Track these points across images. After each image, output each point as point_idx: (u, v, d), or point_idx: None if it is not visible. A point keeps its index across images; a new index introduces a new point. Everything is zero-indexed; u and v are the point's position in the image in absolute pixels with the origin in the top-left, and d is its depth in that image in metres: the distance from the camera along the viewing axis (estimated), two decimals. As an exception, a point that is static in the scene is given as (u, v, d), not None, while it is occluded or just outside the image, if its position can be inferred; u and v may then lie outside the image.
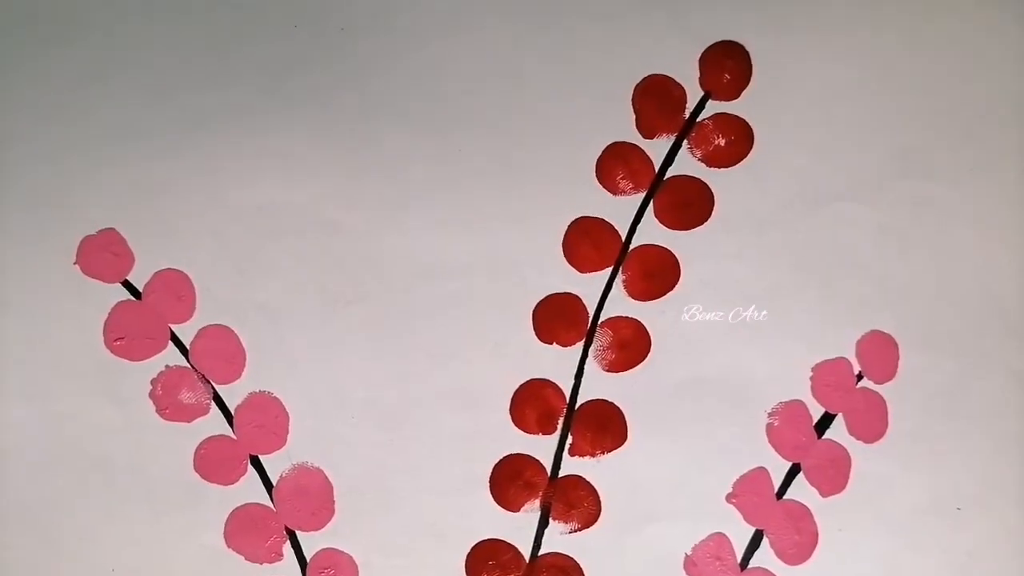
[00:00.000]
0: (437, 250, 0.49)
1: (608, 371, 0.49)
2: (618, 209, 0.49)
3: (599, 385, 0.48)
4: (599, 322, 0.49)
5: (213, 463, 0.48)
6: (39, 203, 0.48)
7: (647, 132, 0.49)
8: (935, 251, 0.49)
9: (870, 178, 0.49)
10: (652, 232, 0.49)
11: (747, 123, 0.49)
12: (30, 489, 0.47)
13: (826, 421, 0.49)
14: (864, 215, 0.49)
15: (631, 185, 0.49)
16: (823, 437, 0.48)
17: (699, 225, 0.49)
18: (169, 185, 0.48)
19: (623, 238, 0.49)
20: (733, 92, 0.49)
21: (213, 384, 0.48)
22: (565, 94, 0.49)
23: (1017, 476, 0.48)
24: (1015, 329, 0.49)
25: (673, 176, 0.49)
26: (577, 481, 0.48)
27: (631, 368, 0.49)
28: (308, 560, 0.47)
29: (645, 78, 0.49)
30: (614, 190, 0.49)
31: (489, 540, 0.47)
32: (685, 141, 0.49)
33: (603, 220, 0.49)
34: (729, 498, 0.48)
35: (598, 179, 0.49)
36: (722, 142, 0.49)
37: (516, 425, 0.48)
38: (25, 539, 0.47)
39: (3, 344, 0.48)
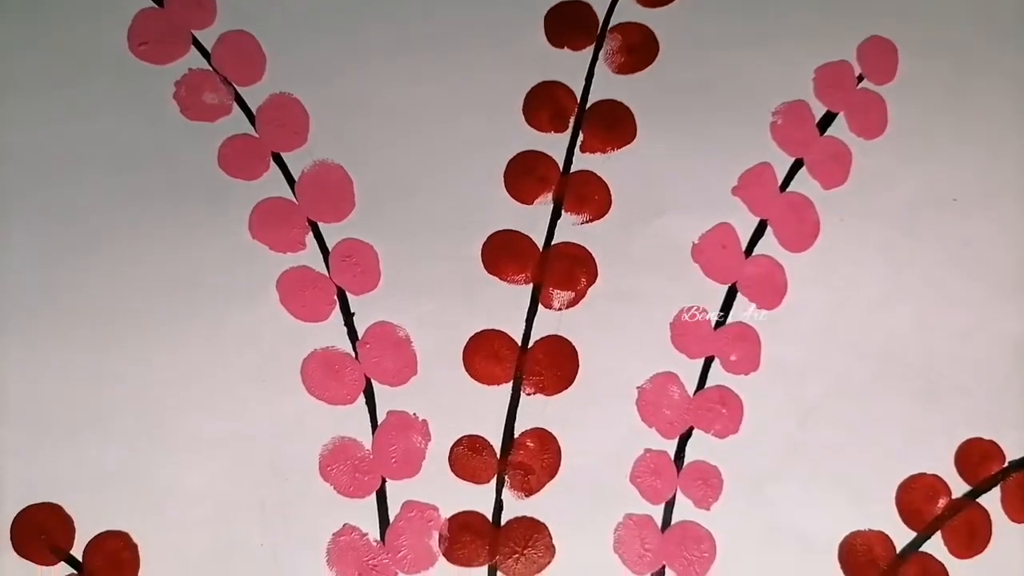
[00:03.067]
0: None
1: (617, 73, 0.50)
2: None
3: (609, 87, 0.50)
4: (609, 27, 0.51)
5: (236, 160, 0.49)
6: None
7: None
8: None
9: None
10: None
11: None
12: (58, 190, 0.49)
13: (828, 119, 0.50)
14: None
15: None
16: (825, 134, 0.50)
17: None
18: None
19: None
20: None
21: (235, 86, 0.50)
22: None
23: (1012, 170, 0.50)
24: (1013, 34, 0.51)
25: None
26: (588, 176, 0.50)
27: (640, 71, 0.50)
28: (330, 249, 0.49)
29: None
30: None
31: (504, 231, 0.49)
32: None
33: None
34: (734, 191, 0.50)
35: None
36: None
37: (529, 124, 0.50)
38: (55, 230, 0.49)
39: (32, 47, 0.49)
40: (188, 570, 0.47)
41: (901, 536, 0.48)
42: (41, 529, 0.47)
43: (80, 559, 0.47)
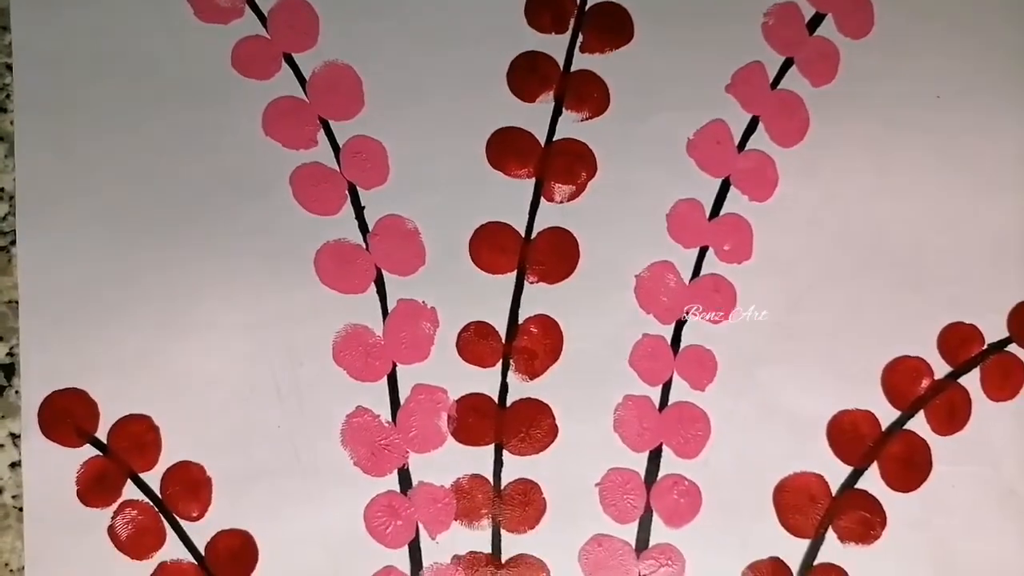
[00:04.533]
0: None
1: (615, -24, 0.52)
2: None
3: (607, -10, 0.52)
4: (606, -68, 0.52)
5: (249, 61, 0.51)
6: None
7: None
8: None
9: None
10: None
11: None
12: (74, 90, 0.50)
13: (817, 20, 0.52)
14: None
15: None
16: (814, 34, 0.52)
17: None
18: None
19: None
20: None
21: (247, -11, 0.52)
22: None
23: (995, 70, 0.52)
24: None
25: None
26: (588, 75, 0.52)
27: (637, -27, 0.52)
28: (341, 146, 0.51)
29: None
30: None
31: (508, 128, 0.51)
32: None
33: None
34: (727, 88, 0.52)
35: None
36: None
37: (530, 24, 0.52)
38: (73, 130, 0.50)
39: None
40: (209, 451, 0.49)
41: (886, 415, 0.51)
42: (67, 413, 0.49)
43: (104, 441, 0.49)
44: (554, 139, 0.51)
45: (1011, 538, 0.50)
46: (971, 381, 0.51)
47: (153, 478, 0.49)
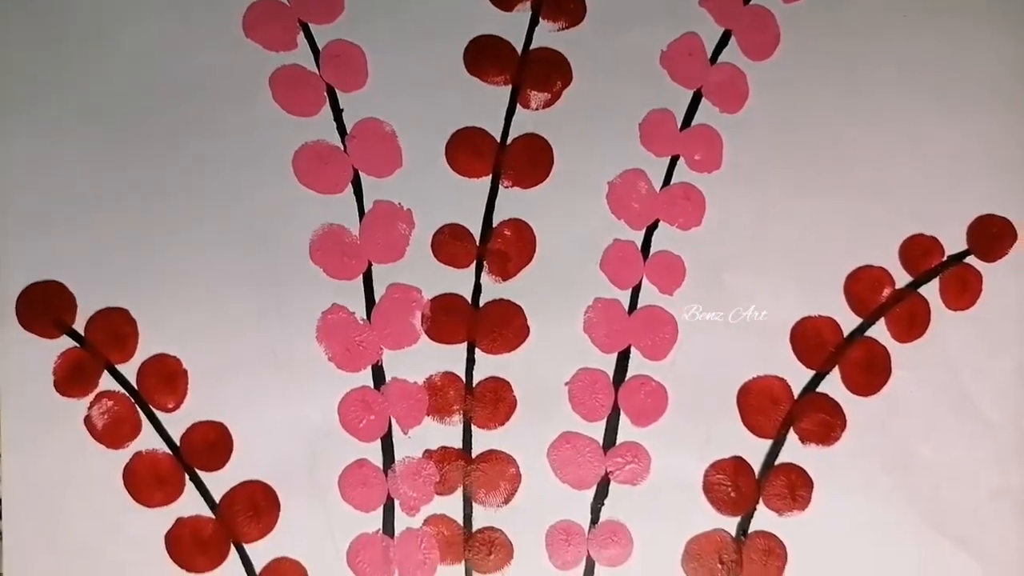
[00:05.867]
0: None
1: None
2: None
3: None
4: None
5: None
6: None
7: None
8: None
9: None
10: None
11: None
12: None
13: (789, -62, 0.54)
14: None
15: None
16: (786, -48, 0.54)
17: None
18: None
19: None
20: None
21: None
22: None
23: (957, -10, 0.54)
24: None
25: None
26: (565, -13, 0.53)
27: None
28: (320, 49, 0.52)
29: None
30: None
31: (486, 35, 0.52)
32: None
33: None
34: (701, 2, 0.53)
35: None
36: None
37: (509, -64, 0.53)
38: (59, 31, 0.51)
39: None
40: (185, 344, 0.50)
41: (848, 322, 0.52)
42: (44, 305, 0.50)
43: (82, 332, 0.50)
44: (531, 48, 0.52)
45: (965, 440, 0.52)
46: (930, 291, 0.53)
47: (129, 370, 0.50)
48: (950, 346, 0.52)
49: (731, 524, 0.51)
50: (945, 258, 0.53)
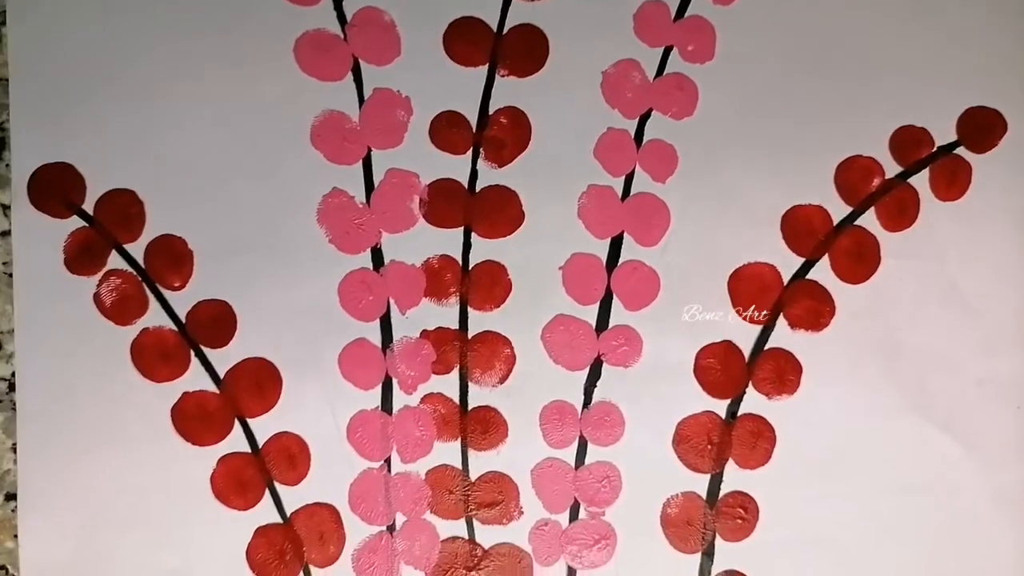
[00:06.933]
0: None
1: None
2: None
3: None
4: None
5: None
6: None
7: None
8: None
9: None
10: None
11: None
12: None
13: None
14: None
15: None
16: None
17: None
18: None
19: None
20: None
21: None
22: None
23: None
24: None
25: None
26: None
27: None
28: (321, -61, 0.53)
29: None
30: None
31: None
32: None
33: None
34: None
35: None
36: None
37: None
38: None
39: None
40: (191, 225, 0.52)
41: (838, 211, 0.53)
42: (55, 185, 0.51)
43: (91, 213, 0.51)
44: (524, -56, 0.53)
45: (952, 327, 0.53)
46: (920, 181, 0.54)
47: (137, 249, 0.52)
48: (939, 236, 0.53)
49: (721, 407, 0.53)
50: (935, 149, 0.54)
